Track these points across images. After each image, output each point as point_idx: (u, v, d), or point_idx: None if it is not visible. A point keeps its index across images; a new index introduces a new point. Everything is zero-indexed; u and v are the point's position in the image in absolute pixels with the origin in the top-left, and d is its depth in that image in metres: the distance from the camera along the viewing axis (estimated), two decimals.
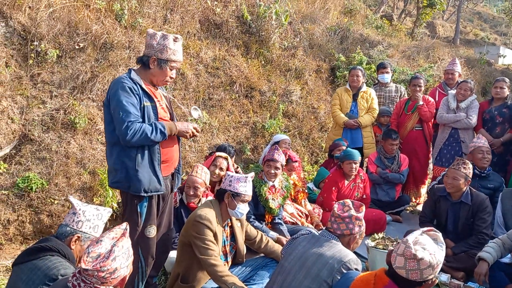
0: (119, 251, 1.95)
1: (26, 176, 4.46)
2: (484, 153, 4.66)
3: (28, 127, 4.70)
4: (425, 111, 5.63)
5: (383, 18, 12.45)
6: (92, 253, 1.91)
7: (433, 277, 2.07)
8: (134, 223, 2.88)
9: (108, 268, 1.90)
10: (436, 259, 2.04)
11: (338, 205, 2.71)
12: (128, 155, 2.84)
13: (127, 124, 2.72)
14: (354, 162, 4.92)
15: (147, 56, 2.89)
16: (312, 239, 2.68)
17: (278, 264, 2.81)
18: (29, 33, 4.98)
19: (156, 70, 2.91)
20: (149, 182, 2.86)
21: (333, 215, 2.67)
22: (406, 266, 2.04)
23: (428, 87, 8.20)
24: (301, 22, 8.45)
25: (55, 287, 2.05)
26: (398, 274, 2.07)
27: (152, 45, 2.86)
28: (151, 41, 2.86)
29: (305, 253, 2.59)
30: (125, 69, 5.49)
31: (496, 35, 20.09)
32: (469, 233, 4.15)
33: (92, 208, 2.50)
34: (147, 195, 2.87)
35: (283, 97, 7.25)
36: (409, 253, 2.02)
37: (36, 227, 4.46)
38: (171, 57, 2.89)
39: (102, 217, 2.52)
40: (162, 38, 2.85)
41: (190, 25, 6.62)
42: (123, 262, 1.97)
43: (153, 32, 2.89)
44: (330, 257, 2.48)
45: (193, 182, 3.93)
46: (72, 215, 2.45)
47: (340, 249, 2.55)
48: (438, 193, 4.34)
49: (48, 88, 5.01)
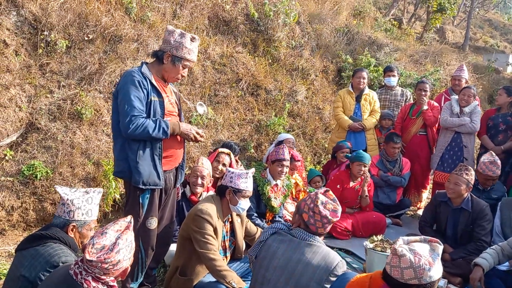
0: (123, 244, 1.99)
1: (31, 164, 4.51)
2: (490, 181, 4.59)
3: (35, 115, 4.75)
4: (430, 115, 5.64)
5: (392, 22, 12.42)
6: (96, 245, 1.95)
7: (417, 284, 1.99)
8: (136, 214, 2.91)
9: (112, 260, 1.94)
10: (420, 262, 1.98)
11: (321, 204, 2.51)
12: (131, 147, 2.89)
13: (130, 118, 2.76)
14: (364, 165, 4.92)
15: (162, 51, 2.94)
16: (290, 244, 2.52)
17: (253, 271, 2.65)
18: (39, 22, 5.03)
19: (169, 66, 2.95)
20: (149, 176, 2.90)
21: (320, 214, 2.49)
22: (391, 262, 2.05)
23: (434, 92, 8.19)
24: (310, 22, 8.46)
25: (56, 274, 2.10)
26: (391, 276, 2.04)
27: (169, 41, 2.90)
28: (169, 37, 2.90)
29: (290, 263, 2.46)
30: (133, 62, 5.53)
31: (506, 43, 19.97)
32: (468, 240, 4.16)
33: (81, 194, 2.48)
34: (145, 187, 2.90)
35: (289, 97, 7.27)
36: (393, 248, 2.03)
37: (39, 215, 4.51)
38: (186, 56, 2.93)
39: (93, 200, 2.51)
40: (180, 36, 2.90)
41: (199, 20, 6.65)
42: (126, 254, 2.00)
43: (172, 29, 2.93)
44: (316, 267, 2.41)
45: (201, 171, 3.98)
46: (62, 206, 2.44)
47: (324, 254, 2.45)
48: (439, 198, 4.36)
49: (56, 78, 5.06)
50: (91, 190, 2.56)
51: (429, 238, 2.15)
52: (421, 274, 1.98)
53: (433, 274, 2.00)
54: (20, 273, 2.25)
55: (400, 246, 2.03)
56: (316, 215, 2.49)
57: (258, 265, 2.59)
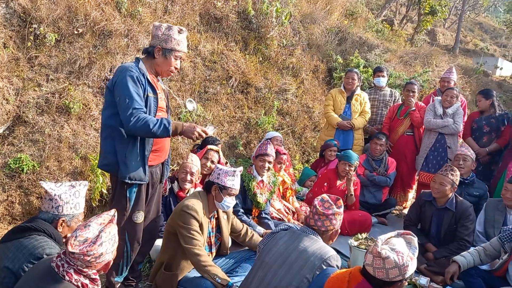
0: (106, 236, 1.99)
1: (18, 157, 4.49)
2: (460, 160, 4.76)
3: (23, 108, 4.72)
4: (417, 116, 5.70)
5: (384, 23, 12.50)
6: (79, 237, 1.96)
7: (401, 279, 2.09)
8: (123, 208, 2.92)
9: (94, 252, 1.94)
10: (404, 260, 2.05)
11: (319, 201, 2.75)
12: (120, 140, 2.88)
13: (132, 111, 2.75)
14: (349, 164, 4.97)
15: (152, 47, 2.97)
16: (293, 235, 2.71)
17: (257, 258, 2.81)
18: (28, 15, 4.99)
19: (161, 60, 2.97)
20: (135, 171, 2.89)
21: (317, 213, 2.70)
22: (373, 264, 2.10)
23: (422, 93, 8.27)
24: (301, 21, 8.49)
25: (39, 266, 2.10)
26: (375, 277, 2.10)
27: (157, 36, 2.93)
28: (157, 31, 2.93)
29: (287, 249, 2.61)
30: (123, 57, 5.51)
31: (495, 47, 20.19)
32: (451, 239, 4.23)
33: (67, 188, 2.49)
34: (131, 182, 2.90)
35: (279, 95, 7.30)
36: (375, 251, 2.08)
37: (25, 208, 4.49)
38: (175, 47, 2.95)
39: (80, 194, 2.52)
40: (167, 29, 2.93)
41: (190, 17, 6.65)
42: (109, 247, 2.01)
43: (158, 24, 2.96)
44: (311, 254, 2.52)
45: (190, 168, 4.00)
46: (49, 202, 2.43)
47: (321, 245, 2.60)
48: (424, 198, 4.42)
49: (45, 71, 5.03)
50: (77, 184, 2.55)
51: (402, 232, 2.22)
52: (405, 271, 2.07)
53: (413, 267, 2.11)
54: (4, 264, 2.25)
55: (382, 248, 2.08)
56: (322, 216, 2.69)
57: (262, 252, 2.74)
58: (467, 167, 4.76)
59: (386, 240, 2.14)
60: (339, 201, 2.76)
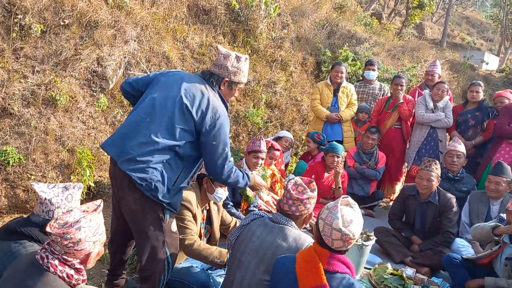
0: (85, 223, 1.97)
1: (4, 150, 4.43)
2: (453, 157, 4.79)
3: (8, 101, 4.65)
4: (405, 109, 5.75)
5: (372, 16, 12.54)
6: (59, 220, 1.95)
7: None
8: (159, 219, 2.74)
9: (71, 236, 1.92)
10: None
11: (292, 185, 2.63)
12: (175, 167, 2.71)
13: (228, 162, 2.79)
14: (337, 155, 5.01)
15: (219, 77, 2.85)
16: (266, 227, 2.59)
17: (232, 255, 2.68)
18: (13, 6, 4.91)
19: (226, 91, 2.92)
20: (176, 200, 2.79)
21: (291, 197, 2.59)
22: (331, 235, 2.20)
23: (410, 86, 8.34)
24: (290, 14, 8.47)
25: (23, 259, 2.07)
26: (324, 241, 2.20)
27: (226, 67, 2.82)
28: (225, 62, 2.82)
29: (262, 246, 2.50)
30: (110, 48, 5.45)
31: (482, 41, 20.41)
32: (436, 232, 4.30)
33: (60, 190, 2.38)
34: (171, 209, 2.77)
35: (267, 88, 7.29)
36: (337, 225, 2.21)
37: (11, 201, 4.44)
38: (242, 80, 2.92)
39: (73, 197, 2.41)
40: (236, 60, 2.84)
41: (178, 8, 6.60)
42: (89, 235, 1.98)
43: (226, 52, 2.84)
44: (287, 249, 2.44)
45: None
46: (40, 205, 2.33)
47: (294, 237, 2.51)
48: (408, 192, 4.47)
49: (31, 63, 4.95)
50: (71, 186, 2.43)
51: (339, 200, 2.32)
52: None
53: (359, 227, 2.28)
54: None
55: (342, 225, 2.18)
56: (296, 201, 2.61)
57: (236, 248, 2.63)
58: (460, 164, 4.80)
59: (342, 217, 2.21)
60: (312, 184, 2.67)
